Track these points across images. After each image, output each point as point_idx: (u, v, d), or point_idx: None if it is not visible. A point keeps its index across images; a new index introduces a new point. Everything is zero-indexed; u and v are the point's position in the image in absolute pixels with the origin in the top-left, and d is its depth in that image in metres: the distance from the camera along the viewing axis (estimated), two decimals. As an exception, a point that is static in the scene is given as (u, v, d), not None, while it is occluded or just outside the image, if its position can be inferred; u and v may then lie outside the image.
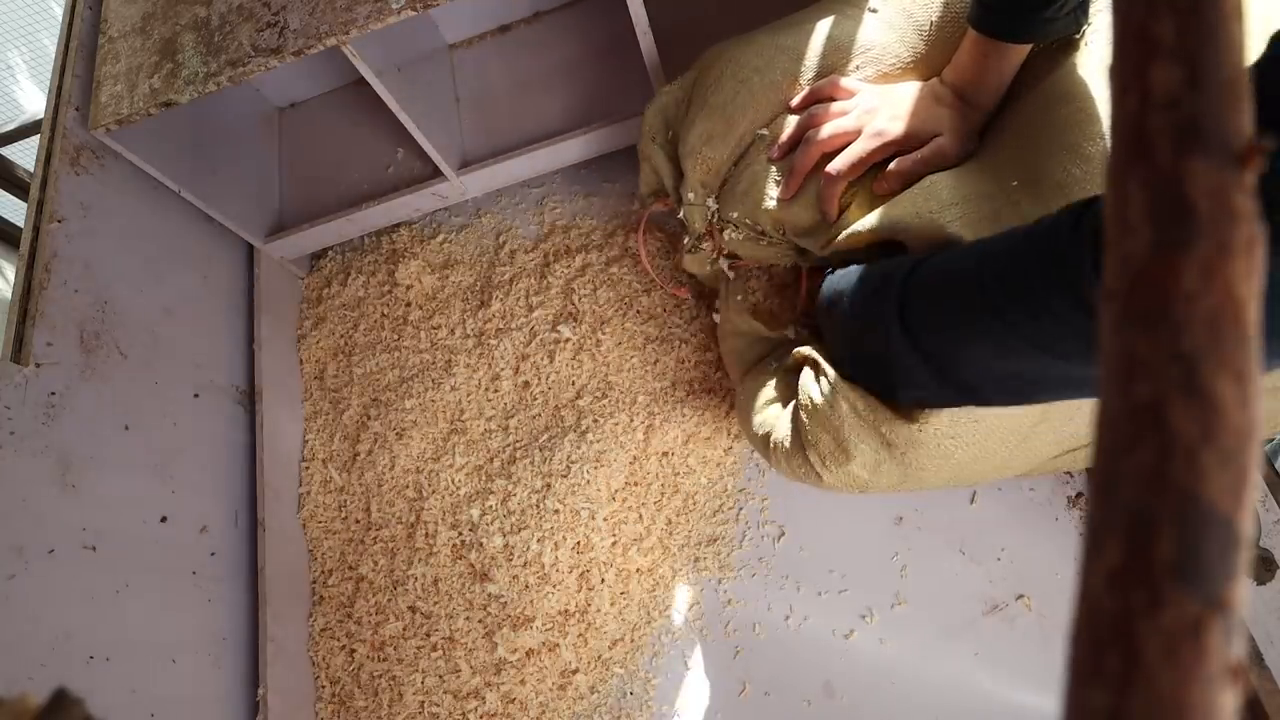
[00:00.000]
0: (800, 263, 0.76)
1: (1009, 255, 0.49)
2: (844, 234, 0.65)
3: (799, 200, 0.69)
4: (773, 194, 0.70)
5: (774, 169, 0.71)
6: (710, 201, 0.78)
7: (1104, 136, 0.58)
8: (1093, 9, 0.64)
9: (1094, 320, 0.41)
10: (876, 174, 0.66)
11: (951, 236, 0.59)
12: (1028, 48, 0.62)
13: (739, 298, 0.83)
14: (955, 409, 0.60)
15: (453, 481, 0.95)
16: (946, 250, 0.57)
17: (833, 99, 0.68)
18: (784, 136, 0.70)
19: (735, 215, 0.75)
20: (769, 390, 0.74)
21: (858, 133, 0.65)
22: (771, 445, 0.70)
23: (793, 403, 0.70)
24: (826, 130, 0.66)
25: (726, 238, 0.78)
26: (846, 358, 0.65)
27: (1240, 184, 0.15)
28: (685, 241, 0.83)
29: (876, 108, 0.66)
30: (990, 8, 0.59)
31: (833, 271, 0.67)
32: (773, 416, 0.72)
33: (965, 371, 0.54)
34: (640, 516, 0.88)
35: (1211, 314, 0.14)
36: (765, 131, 0.73)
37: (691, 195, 0.79)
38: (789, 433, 0.69)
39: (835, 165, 0.65)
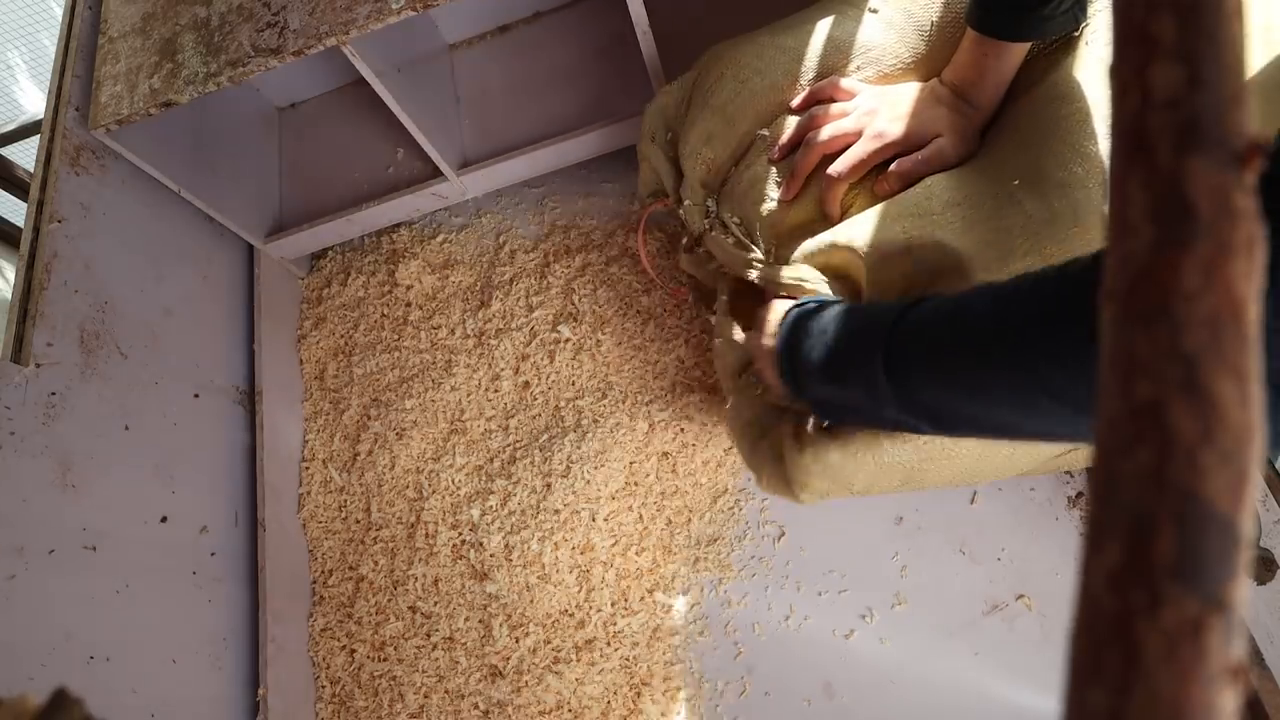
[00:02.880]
0: (759, 283, 0.74)
1: (1036, 306, 0.43)
2: (836, 238, 0.64)
3: (800, 201, 0.69)
4: (773, 195, 0.70)
5: (774, 170, 0.71)
6: (710, 202, 0.78)
7: (1106, 135, 0.58)
8: (1092, 8, 0.64)
9: None
10: (878, 175, 0.66)
11: (946, 244, 0.59)
12: (1026, 46, 0.62)
13: (724, 298, 0.82)
14: None
15: (453, 481, 0.95)
16: (941, 295, 0.52)
17: (833, 100, 0.68)
18: (784, 138, 0.70)
19: (730, 217, 0.75)
20: (751, 424, 0.72)
21: (858, 134, 0.65)
22: (759, 477, 0.69)
23: (768, 436, 0.69)
24: (827, 132, 0.66)
25: (715, 237, 0.77)
26: (816, 401, 0.60)
27: (1240, 183, 0.15)
28: (684, 241, 0.83)
29: (877, 109, 0.66)
30: (988, 7, 0.59)
31: (796, 306, 0.62)
32: (754, 451, 0.70)
33: (963, 425, 0.50)
34: (640, 517, 0.88)
35: (1212, 313, 0.14)
36: (766, 132, 0.73)
37: (691, 196, 0.79)
38: (772, 470, 0.67)
39: (836, 167, 0.65)
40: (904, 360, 0.50)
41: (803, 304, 0.62)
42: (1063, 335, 0.40)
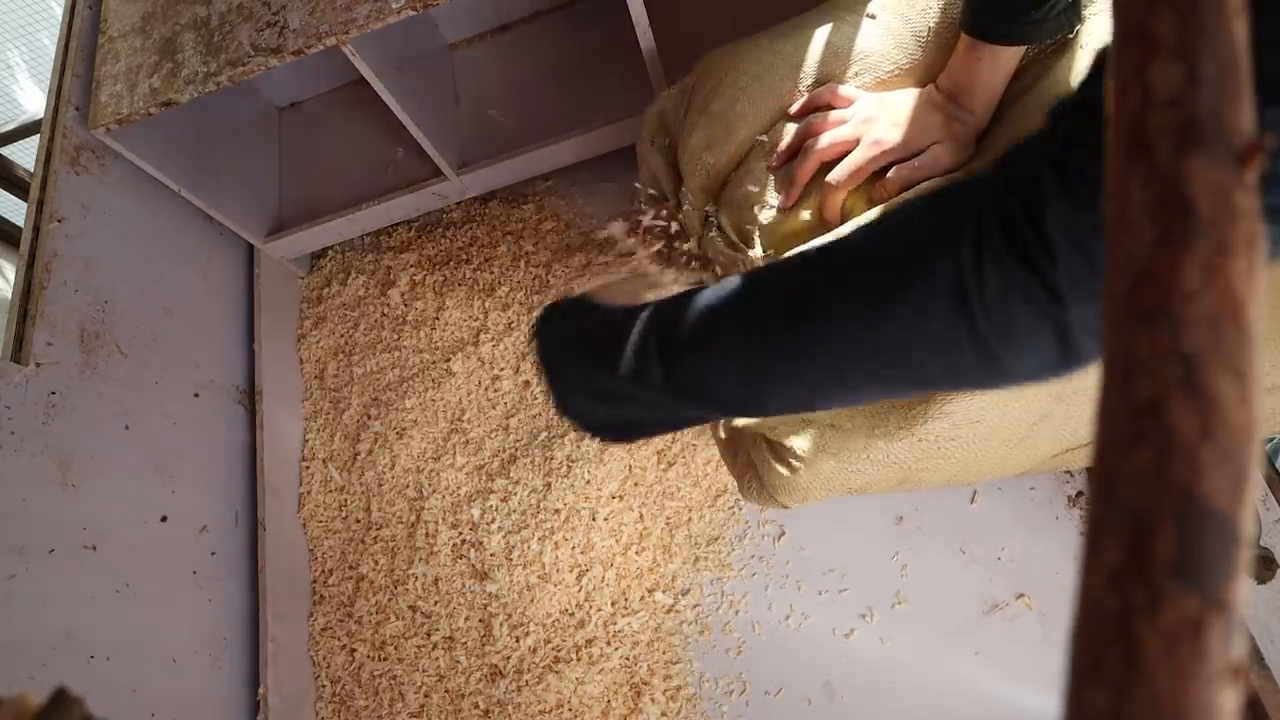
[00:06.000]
0: None
1: (860, 267, 0.40)
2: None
3: (799, 207, 0.70)
4: (772, 201, 0.71)
5: (773, 177, 0.71)
6: (710, 207, 0.78)
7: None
8: (1087, 10, 0.64)
9: (959, 320, 0.34)
10: (876, 181, 0.66)
11: None
12: (1020, 51, 0.62)
13: None
14: (953, 412, 0.60)
15: (453, 481, 0.95)
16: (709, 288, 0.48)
17: (831, 107, 0.69)
18: (783, 145, 0.70)
19: (725, 220, 0.75)
20: (728, 439, 0.73)
21: (856, 142, 0.66)
22: (746, 489, 0.70)
23: (740, 451, 0.69)
24: (825, 140, 0.66)
25: (710, 236, 0.78)
26: (588, 422, 0.54)
27: (1240, 182, 0.15)
28: (676, 245, 0.84)
29: (874, 117, 0.66)
30: (980, 12, 0.60)
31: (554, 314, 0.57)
32: (740, 466, 0.71)
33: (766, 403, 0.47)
34: (640, 516, 0.88)
35: (1212, 313, 0.14)
36: (764, 138, 0.73)
37: (691, 200, 0.79)
38: (759, 486, 0.68)
39: (835, 176, 0.66)
40: (684, 350, 0.46)
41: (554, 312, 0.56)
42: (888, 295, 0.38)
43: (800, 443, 0.65)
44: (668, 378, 0.45)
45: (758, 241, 0.75)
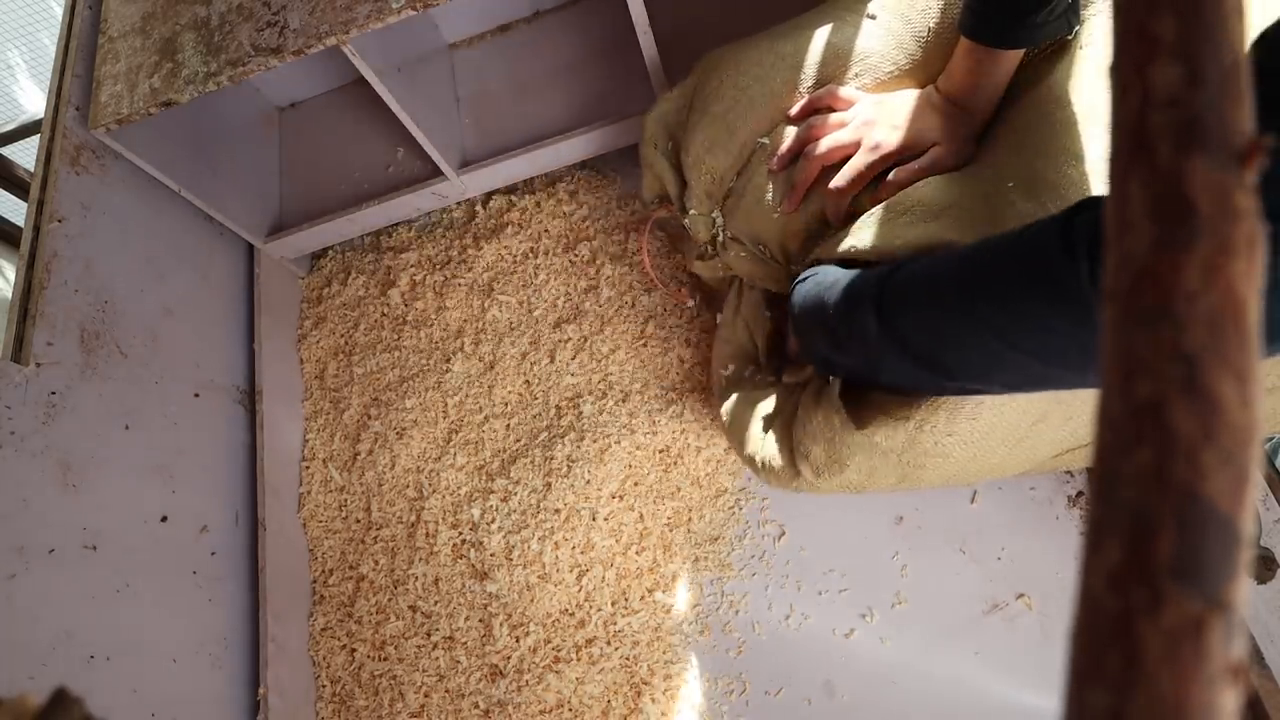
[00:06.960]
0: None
1: (997, 268, 0.47)
2: (840, 249, 0.65)
3: (801, 211, 0.70)
4: (775, 205, 0.71)
5: (775, 180, 0.72)
6: (716, 214, 0.78)
7: (1100, 138, 0.58)
8: (1087, 11, 0.64)
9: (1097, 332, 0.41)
10: (878, 182, 0.66)
11: (946, 242, 0.59)
12: (1020, 53, 0.62)
13: (734, 299, 0.83)
14: (950, 406, 0.60)
15: (453, 481, 0.95)
16: (924, 257, 0.57)
17: (831, 109, 0.69)
18: (783, 148, 0.70)
19: (740, 233, 0.76)
20: (755, 413, 0.75)
21: (856, 145, 0.66)
22: (760, 465, 0.72)
23: (776, 422, 0.71)
24: (825, 144, 0.66)
25: (732, 255, 0.78)
26: (821, 360, 0.66)
27: (1241, 182, 0.15)
28: (687, 246, 0.84)
29: (874, 120, 0.66)
30: (981, 15, 0.59)
31: (804, 279, 0.67)
32: (758, 438, 0.73)
33: (957, 371, 0.54)
34: (640, 516, 0.88)
35: (1212, 313, 0.14)
36: (766, 140, 0.73)
37: (697, 205, 0.79)
38: (775, 452, 0.71)
39: (836, 182, 0.66)
40: (893, 313, 0.55)
41: (803, 276, 0.66)
42: (1020, 302, 0.45)
43: (803, 438, 0.66)
44: (881, 329, 0.56)
45: (766, 244, 0.75)
